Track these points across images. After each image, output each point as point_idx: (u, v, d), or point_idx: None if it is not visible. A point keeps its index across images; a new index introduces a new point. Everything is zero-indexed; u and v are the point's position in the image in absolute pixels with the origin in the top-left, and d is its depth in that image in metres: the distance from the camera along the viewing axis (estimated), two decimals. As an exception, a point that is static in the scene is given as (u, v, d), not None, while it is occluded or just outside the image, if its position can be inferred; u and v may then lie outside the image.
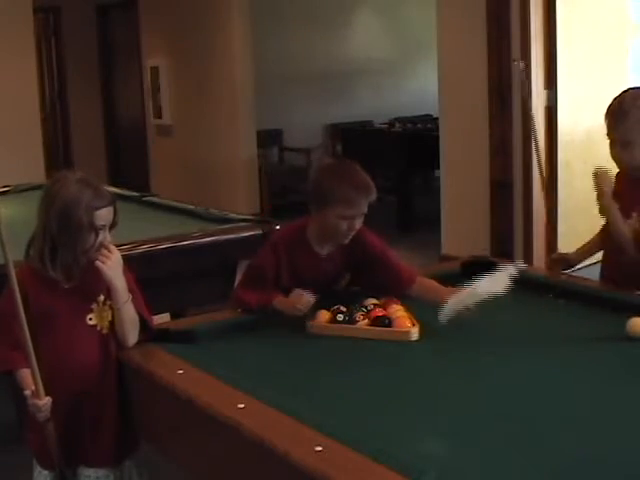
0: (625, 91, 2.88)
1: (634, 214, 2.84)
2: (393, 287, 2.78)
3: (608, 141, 2.88)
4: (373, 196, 2.70)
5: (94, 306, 2.39)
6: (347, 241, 2.75)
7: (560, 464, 1.75)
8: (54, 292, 2.35)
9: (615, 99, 2.87)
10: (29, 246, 2.41)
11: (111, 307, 2.41)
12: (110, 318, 2.42)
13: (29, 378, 2.24)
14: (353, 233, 2.73)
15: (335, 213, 2.68)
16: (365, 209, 2.71)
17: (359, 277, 2.89)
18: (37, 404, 2.21)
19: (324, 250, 2.80)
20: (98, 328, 2.40)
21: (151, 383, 2.30)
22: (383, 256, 2.83)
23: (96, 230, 2.33)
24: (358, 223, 2.72)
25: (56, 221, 2.31)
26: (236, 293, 2.84)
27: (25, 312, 2.18)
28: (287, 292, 2.71)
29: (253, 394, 2.05)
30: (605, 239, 3.00)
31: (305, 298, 2.63)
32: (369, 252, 2.82)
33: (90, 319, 2.39)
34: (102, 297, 2.40)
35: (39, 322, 2.30)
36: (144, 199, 4.96)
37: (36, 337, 2.23)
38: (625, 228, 2.82)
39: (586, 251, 3.13)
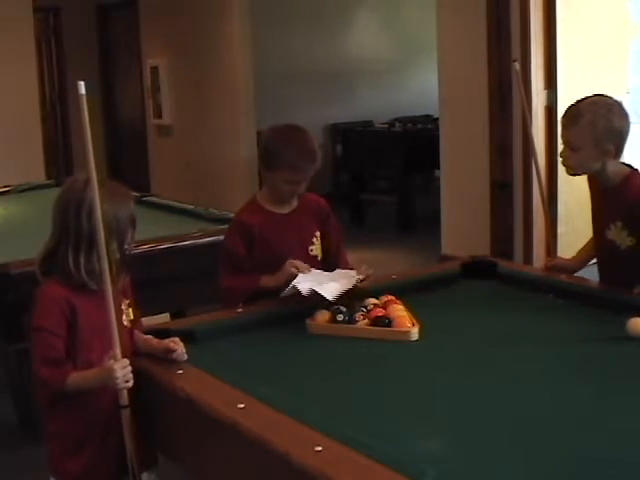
0: (588, 97, 2.85)
1: (612, 225, 2.81)
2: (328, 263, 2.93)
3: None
4: (318, 162, 2.84)
5: (123, 307, 2.34)
6: (292, 200, 2.90)
7: (560, 464, 1.74)
8: (95, 301, 2.22)
9: (575, 102, 2.84)
10: (44, 260, 2.28)
11: (129, 305, 2.38)
12: (131, 317, 2.39)
13: (81, 372, 2.19)
14: (297, 194, 2.88)
15: (281, 177, 2.81)
16: (310, 174, 2.83)
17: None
18: (113, 366, 2.10)
19: (281, 209, 2.91)
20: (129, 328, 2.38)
21: (150, 383, 2.30)
22: (337, 235, 3.01)
23: (134, 224, 2.33)
24: (302, 186, 2.85)
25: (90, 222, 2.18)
26: (224, 284, 2.86)
27: (74, 327, 2.19)
28: (267, 268, 2.78)
29: (253, 394, 2.05)
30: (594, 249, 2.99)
31: (299, 262, 2.72)
32: (329, 224, 2.99)
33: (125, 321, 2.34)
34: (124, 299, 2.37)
35: (91, 334, 2.24)
36: (144, 199, 4.95)
37: (91, 348, 2.22)
38: None
39: (583, 259, 3.12)
